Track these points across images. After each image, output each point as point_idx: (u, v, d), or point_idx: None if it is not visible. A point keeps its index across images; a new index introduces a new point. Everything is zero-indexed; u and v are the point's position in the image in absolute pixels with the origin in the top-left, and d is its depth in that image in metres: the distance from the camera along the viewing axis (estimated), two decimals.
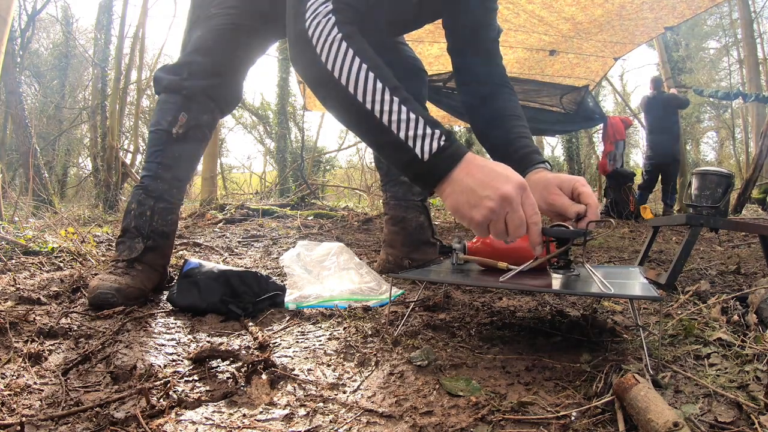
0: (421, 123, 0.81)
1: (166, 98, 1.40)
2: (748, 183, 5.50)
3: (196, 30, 1.42)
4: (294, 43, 0.92)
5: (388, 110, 0.82)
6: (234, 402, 0.73)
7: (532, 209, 0.80)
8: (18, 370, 0.81)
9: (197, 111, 1.39)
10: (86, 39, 13.24)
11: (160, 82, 1.41)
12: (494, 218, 0.79)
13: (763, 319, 1.02)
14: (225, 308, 1.16)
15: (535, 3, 4.05)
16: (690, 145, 15.08)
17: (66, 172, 12.93)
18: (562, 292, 1.10)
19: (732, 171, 1.64)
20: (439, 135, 0.81)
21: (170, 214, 1.40)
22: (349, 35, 0.86)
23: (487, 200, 0.78)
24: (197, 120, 1.39)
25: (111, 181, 6.66)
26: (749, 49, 8.95)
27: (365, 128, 0.86)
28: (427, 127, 0.81)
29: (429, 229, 1.73)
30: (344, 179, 14.33)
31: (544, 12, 4.18)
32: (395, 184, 1.74)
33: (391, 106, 0.82)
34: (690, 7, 3.97)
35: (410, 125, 0.81)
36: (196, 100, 1.38)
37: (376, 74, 0.83)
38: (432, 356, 0.87)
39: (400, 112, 0.82)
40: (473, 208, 0.79)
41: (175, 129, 1.36)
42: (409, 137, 0.81)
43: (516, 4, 4.09)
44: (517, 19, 4.31)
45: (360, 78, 0.83)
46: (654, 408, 0.59)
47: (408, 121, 0.81)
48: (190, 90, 1.37)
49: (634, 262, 1.91)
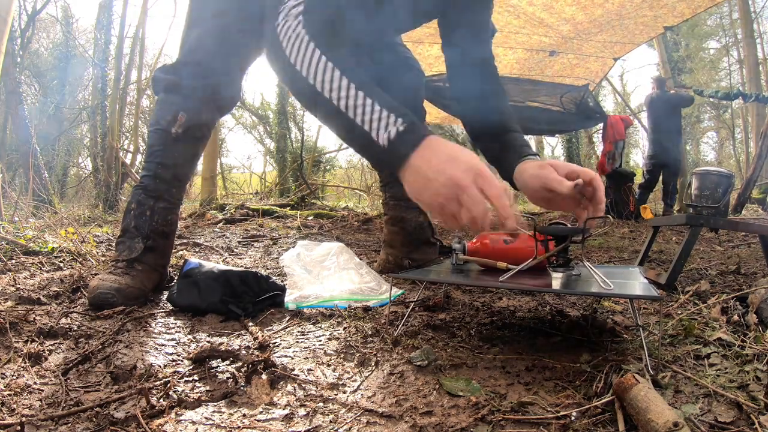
0: (378, 109, 0.82)
1: (164, 98, 1.40)
2: (748, 183, 5.50)
3: (193, 30, 1.43)
4: (268, 44, 0.94)
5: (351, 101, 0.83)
6: (234, 402, 0.73)
7: (493, 189, 0.77)
8: (18, 370, 0.81)
9: (196, 110, 1.39)
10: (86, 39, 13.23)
11: (159, 82, 1.41)
12: (446, 203, 0.78)
13: (763, 319, 1.02)
14: (225, 308, 1.16)
15: (536, 5, 4.05)
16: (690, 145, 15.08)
17: (66, 172, 12.92)
18: (561, 291, 1.10)
19: (732, 171, 1.64)
20: (397, 121, 0.81)
21: (170, 213, 1.40)
22: (315, 35, 0.88)
23: (438, 185, 0.77)
24: (196, 119, 1.39)
25: (111, 181, 6.67)
26: (749, 49, 8.94)
27: (332, 120, 0.88)
28: (387, 114, 0.82)
29: (428, 228, 1.73)
30: (344, 179, 14.33)
31: (544, 14, 4.18)
32: (395, 184, 1.74)
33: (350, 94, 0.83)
34: (690, 7, 3.96)
35: (367, 111, 0.82)
36: (194, 100, 1.39)
37: (342, 70, 0.85)
38: (432, 356, 0.87)
39: (358, 99, 0.83)
40: (427, 194, 0.79)
41: (174, 128, 1.36)
42: (365, 122, 0.82)
43: (516, 7, 4.08)
44: (518, 21, 4.31)
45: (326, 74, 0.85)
46: (654, 408, 0.59)
47: (365, 106, 0.82)
48: (188, 89, 1.38)
49: (634, 262, 1.91)
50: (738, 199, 5.50)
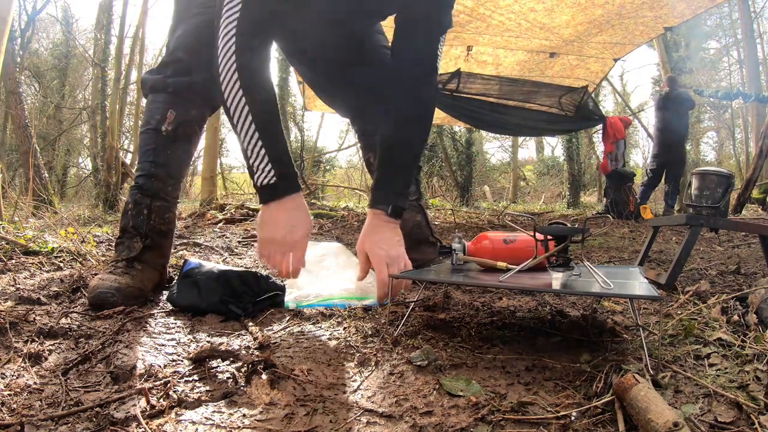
0: (266, 159, 1.05)
1: (153, 98, 1.41)
2: (748, 183, 5.50)
3: (178, 29, 1.43)
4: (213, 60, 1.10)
5: (250, 144, 1.06)
6: (234, 402, 0.73)
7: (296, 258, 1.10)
8: (18, 370, 0.81)
9: (184, 107, 1.40)
10: (86, 39, 13.24)
11: (146, 83, 1.42)
12: (263, 251, 1.11)
13: (763, 319, 1.02)
14: (225, 308, 1.16)
15: (537, 11, 4.06)
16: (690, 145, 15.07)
17: (66, 172, 12.92)
18: (561, 291, 1.10)
19: (732, 171, 1.64)
20: (270, 174, 1.06)
21: (167, 212, 1.40)
22: (243, 66, 1.05)
23: (262, 235, 1.10)
24: (185, 116, 1.40)
25: (111, 181, 6.66)
26: (749, 49, 8.95)
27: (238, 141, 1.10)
28: (268, 165, 1.06)
29: (427, 227, 1.72)
30: (344, 179, 14.33)
31: (546, 19, 4.19)
32: None
33: (251, 137, 1.06)
34: (690, 7, 3.96)
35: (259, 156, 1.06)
36: (182, 97, 1.39)
37: (251, 108, 1.05)
38: (432, 356, 0.87)
39: (256, 144, 1.06)
40: (261, 233, 1.11)
41: (164, 127, 1.37)
42: (253, 164, 1.07)
43: (518, 14, 4.09)
44: (519, 28, 4.33)
45: (241, 113, 1.06)
46: (654, 408, 0.59)
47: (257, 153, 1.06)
48: (174, 87, 1.38)
49: (634, 262, 1.91)
50: (738, 199, 5.50)
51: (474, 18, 4.17)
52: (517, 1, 3.91)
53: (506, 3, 3.93)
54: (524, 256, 1.07)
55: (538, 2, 3.93)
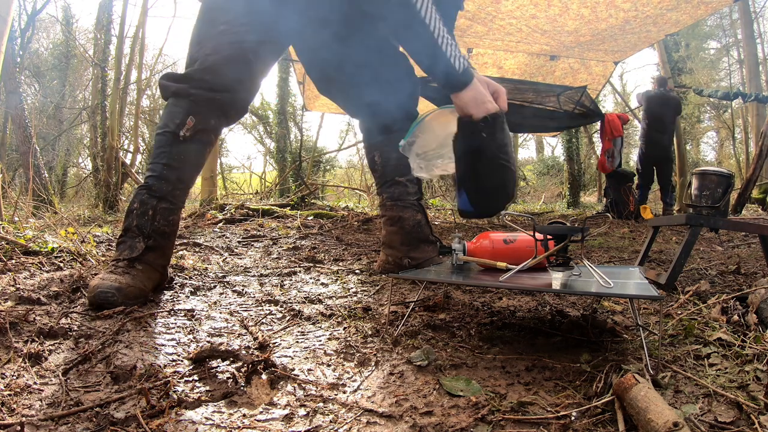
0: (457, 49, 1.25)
1: (174, 102, 1.42)
2: (748, 183, 5.49)
3: (204, 46, 1.43)
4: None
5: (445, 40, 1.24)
6: (234, 402, 0.73)
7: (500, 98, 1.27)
8: (18, 370, 0.81)
9: (205, 115, 1.42)
10: (86, 39, 13.22)
11: (168, 88, 1.43)
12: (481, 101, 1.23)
13: (763, 319, 1.02)
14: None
15: (539, 18, 4.06)
16: (690, 145, 15.07)
17: (66, 172, 12.90)
18: (561, 291, 1.10)
19: (732, 171, 1.64)
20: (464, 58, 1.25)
21: (172, 214, 1.40)
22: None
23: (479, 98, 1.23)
24: (205, 124, 1.42)
25: (111, 181, 6.66)
26: (749, 49, 8.95)
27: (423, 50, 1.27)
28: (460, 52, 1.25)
29: (427, 226, 1.72)
30: (344, 179, 14.33)
31: (547, 26, 4.19)
32: (391, 185, 1.74)
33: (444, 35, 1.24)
34: (691, 17, 3.99)
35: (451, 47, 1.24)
36: (204, 106, 1.41)
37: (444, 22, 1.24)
38: (432, 356, 0.87)
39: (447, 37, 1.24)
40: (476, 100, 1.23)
41: (182, 131, 1.38)
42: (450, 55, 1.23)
43: (519, 19, 4.09)
44: (520, 33, 4.33)
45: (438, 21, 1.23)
46: (654, 408, 0.59)
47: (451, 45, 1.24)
48: (197, 97, 1.40)
49: (634, 262, 1.91)
50: (738, 199, 5.49)
51: (475, 22, 4.18)
52: (519, 8, 3.92)
53: (507, 8, 3.94)
54: (524, 256, 1.07)
55: (540, 10, 3.94)
